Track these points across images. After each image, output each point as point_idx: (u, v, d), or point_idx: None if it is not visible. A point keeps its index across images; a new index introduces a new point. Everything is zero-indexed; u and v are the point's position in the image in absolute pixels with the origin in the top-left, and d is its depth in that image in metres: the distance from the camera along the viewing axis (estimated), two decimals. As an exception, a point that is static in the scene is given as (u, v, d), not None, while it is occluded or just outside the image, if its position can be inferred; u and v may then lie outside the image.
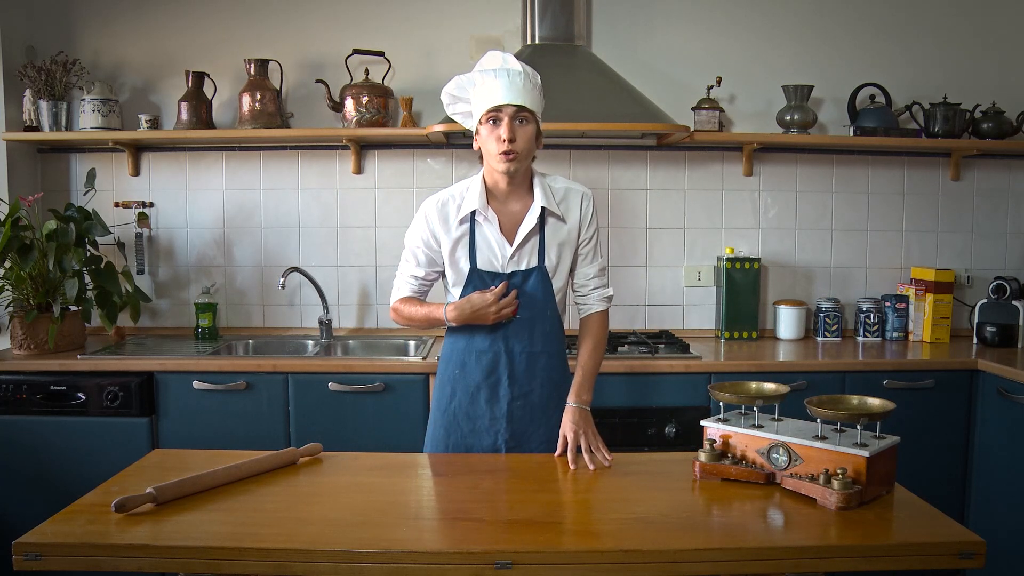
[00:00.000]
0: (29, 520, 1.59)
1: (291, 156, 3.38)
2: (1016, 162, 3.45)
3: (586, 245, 2.13)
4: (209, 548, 1.43)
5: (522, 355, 2.08)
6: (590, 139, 3.33)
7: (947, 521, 1.54)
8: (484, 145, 2.01)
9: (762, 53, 3.37)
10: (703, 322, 3.45)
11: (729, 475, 1.74)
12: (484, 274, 2.07)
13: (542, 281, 2.08)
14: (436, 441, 2.15)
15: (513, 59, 1.99)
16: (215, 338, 3.29)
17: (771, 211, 3.43)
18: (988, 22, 3.40)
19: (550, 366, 2.11)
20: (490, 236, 2.07)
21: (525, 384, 2.09)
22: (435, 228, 2.10)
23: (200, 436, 2.77)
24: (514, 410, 2.09)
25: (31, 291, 2.95)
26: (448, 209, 2.09)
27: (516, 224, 2.07)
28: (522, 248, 2.07)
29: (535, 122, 2.00)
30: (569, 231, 2.10)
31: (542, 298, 2.08)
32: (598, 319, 2.18)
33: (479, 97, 1.99)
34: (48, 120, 3.21)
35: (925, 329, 3.28)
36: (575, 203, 2.10)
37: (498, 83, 1.95)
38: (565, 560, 1.41)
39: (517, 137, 1.96)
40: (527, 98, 1.96)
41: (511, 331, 2.08)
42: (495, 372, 2.08)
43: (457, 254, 2.09)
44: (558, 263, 2.10)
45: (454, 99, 2.09)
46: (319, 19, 3.33)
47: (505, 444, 2.09)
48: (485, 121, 1.98)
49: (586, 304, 2.18)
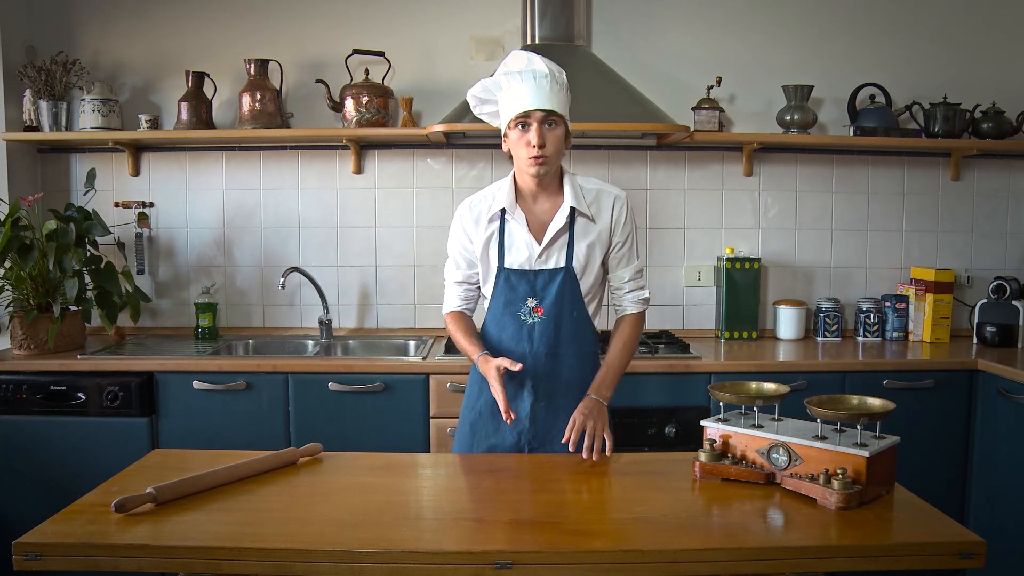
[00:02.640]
0: (29, 520, 1.59)
1: (291, 156, 3.38)
2: (1016, 162, 3.45)
3: (621, 248, 2.12)
4: (209, 548, 1.43)
5: (546, 356, 2.07)
6: (590, 139, 3.33)
7: (947, 521, 1.54)
8: (514, 148, 2.01)
9: (762, 53, 3.37)
10: (703, 322, 3.45)
11: (729, 475, 1.74)
12: (511, 272, 2.07)
13: (569, 281, 2.06)
14: (463, 440, 2.15)
15: (539, 59, 1.98)
16: (215, 338, 3.29)
17: (771, 211, 3.43)
18: (988, 22, 3.40)
19: (574, 367, 2.10)
20: (518, 235, 2.07)
21: (549, 385, 2.08)
22: (468, 228, 2.11)
23: (200, 436, 2.77)
24: (537, 411, 2.08)
25: (31, 291, 2.95)
26: (479, 209, 2.10)
27: (545, 223, 2.07)
28: (550, 247, 2.06)
29: (564, 124, 2.00)
30: (600, 232, 2.09)
31: (569, 299, 2.07)
32: (631, 320, 2.17)
33: (506, 101, 1.99)
34: (48, 120, 3.21)
35: (925, 329, 3.28)
36: (607, 205, 2.09)
37: (525, 87, 1.95)
38: (565, 560, 1.41)
39: (547, 141, 1.96)
40: (555, 101, 1.96)
41: (536, 332, 2.07)
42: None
43: (488, 253, 2.10)
44: (587, 263, 2.08)
45: (480, 101, 2.08)
46: (319, 19, 3.33)
47: (528, 444, 2.08)
48: (514, 126, 1.98)
49: (621, 305, 2.18)
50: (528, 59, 1.98)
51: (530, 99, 1.94)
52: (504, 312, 2.08)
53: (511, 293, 2.07)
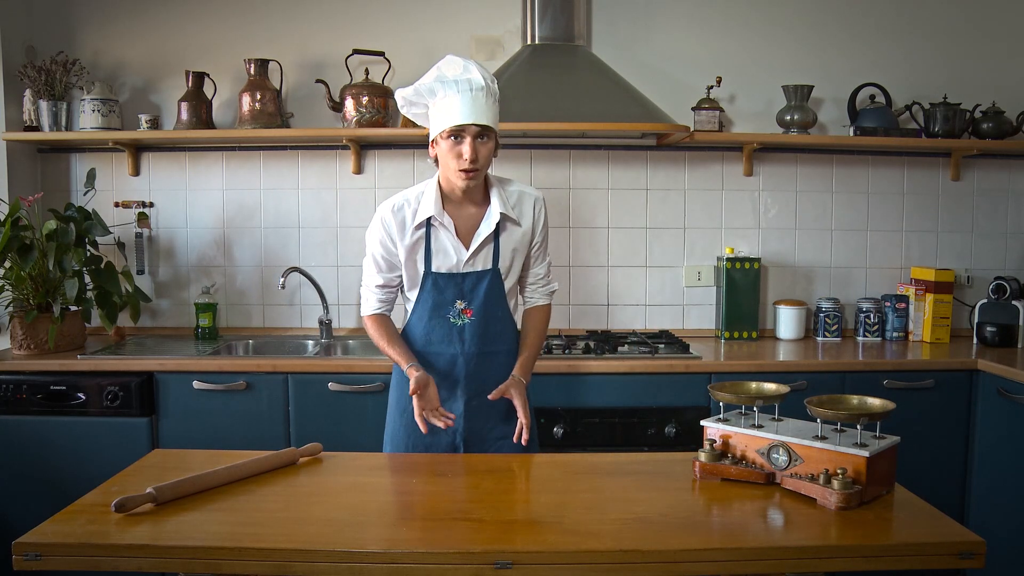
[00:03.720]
0: (29, 520, 1.59)
1: (291, 156, 3.38)
2: (1016, 162, 3.45)
3: (538, 247, 2.21)
4: (209, 548, 1.43)
5: (477, 355, 2.13)
6: (590, 139, 3.33)
7: (947, 521, 1.54)
8: (443, 157, 2.03)
9: (762, 53, 3.37)
10: (703, 322, 3.45)
11: (729, 475, 1.74)
12: (439, 276, 2.11)
13: (495, 283, 2.13)
14: (396, 441, 2.19)
15: (475, 68, 1.98)
16: (215, 338, 3.29)
17: (771, 211, 3.43)
18: (988, 22, 3.40)
19: (504, 364, 2.16)
20: (446, 240, 2.10)
21: (481, 383, 2.13)
22: (393, 233, 2.12)
23: (200, 436, 2.77)
24: (471, 409, 2.14)
25: (31, 291, 2.95)
26: (404, 214, 2.11)
27: (471, 228, 2.11)
28: (477, 252, 2.11)
29: (495, 136, 2.03)
30: (523, 235, 2.15)
31: (495, 299, 2.13)
32: (544, 311, 2.28)
33: (440, 110, 1.99)
34: (48, 120, 3.21)
35: (925, 329, 3.28)
36: (528, 207, 2.16)
37: (460, 99, 1.95)
38: (565, 560, 1.41)
39: (479, 155, 1.99)
40: (489, 115, 1.98)
41: (466, 333, 2.12)
42: (452, 373, 2.14)
43: (415, 257, 2.12)
44: (511, 265, 2.15)
45: (409, 103, 2.09)
46: (319, 19, 3.33)
47: (464, 442, 2.14)
48: (446, 136, 1.99)
49: (532, 298, 2.27)
50: (464, 67, 1.98)
51: (465, 113, 1.95)
52: (432, 315, 2.13)
53: (439, 296, 2.11)
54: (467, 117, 1.95)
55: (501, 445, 2.13)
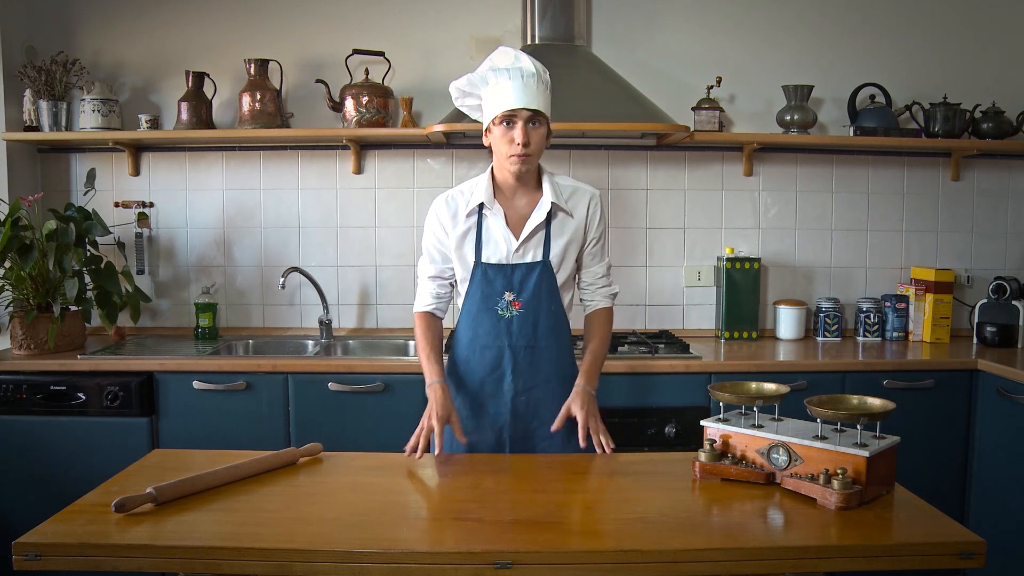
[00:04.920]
0: (29, 520, 1.59)
1: (291, 156, 3.38)
2: (1016, 162, 3.45)
3: (594, 245, 2.17)
4: (209, 548, 1.43)
5: (525, 349, 2.09)
6: (590, 139, 3.33)
7: (947, 521, 1.54)
8: (496, 144, 2.03)
9: (762, 53, 3.37)
10: (703, 322, 3.45)
11: (729, 475, 1.74)
12: (489, 267, 2.09)
13: (546, 276, 2.09)
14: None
15: (526, 57, 2.00)
16: (215, 338, 3.29)
17: (771, 211, 3.43)
18: (988, 22, 3.40)
19: (553, 360, 2.12)
20: (496, 230, 2.09)
21: (529, 379, 2.10)
22: (444, 222, 2.12)
23: (200, 436, 2.77)
24: (518, 405, 2.10)
25: (31, 291, 2.95)
26: (456, 203, 2.12)
27: (522, 218, 2.09)
28: (528, 242, 2.08)
29: (547, 123, 2.03)
30: (575, 229, 2.12)
31: (546, 293, 2.09)
32: (605, 314, 2.22)
33: (492, 97, 2.00)
34: (48, 120, 3.21)
35: (925, 329, 3.28)
36: (582, 203, 2.13)
37: (512, 85, 1.96)
38: (565, 560, 1.41)
39: (531, 140, 1.99)
40: (540, 101, 1.98)
41: (514, 326, 2.09)
42: (499, 367, 2.10)
43: (464, 248, 2.11)
44: (563, 259, 2.11)
45: (463, 94, 2.10)
46: (319, 19, 3.33)
47: (510, 439, 2.10)
48: (499, 122, 2.00)
49: (592, 301, 2.22)
50: (515, 56, 2.00)
51: (517, 98, 1.96)
52: (481, 306, 2.10)
53: (488, 287, 2.09)
54: (519, 102, 1.95)
55: (547, 445, 2.09)
